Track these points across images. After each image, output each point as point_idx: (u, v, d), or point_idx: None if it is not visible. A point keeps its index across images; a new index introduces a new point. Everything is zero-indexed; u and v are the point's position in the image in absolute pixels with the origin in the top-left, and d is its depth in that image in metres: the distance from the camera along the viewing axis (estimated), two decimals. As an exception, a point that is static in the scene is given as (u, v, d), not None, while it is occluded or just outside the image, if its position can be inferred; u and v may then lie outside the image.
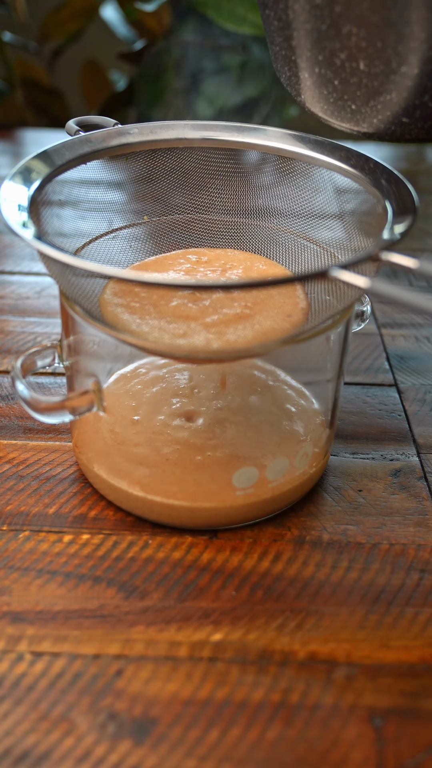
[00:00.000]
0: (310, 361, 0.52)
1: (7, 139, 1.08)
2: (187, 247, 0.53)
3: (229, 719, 0.37)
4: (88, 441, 0.49)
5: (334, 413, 0.50)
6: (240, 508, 0.46)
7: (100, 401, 0.45)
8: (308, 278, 0.36)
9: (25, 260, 0.76)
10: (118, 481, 0.46)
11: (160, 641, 0.40)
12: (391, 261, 0.37)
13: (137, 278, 0.36)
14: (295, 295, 0.45)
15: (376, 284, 0.34)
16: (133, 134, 0.50)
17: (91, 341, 0.46)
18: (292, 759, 0.36)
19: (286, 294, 0.45)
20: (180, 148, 0.51)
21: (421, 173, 0.99)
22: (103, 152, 0.49)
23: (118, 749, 0.36)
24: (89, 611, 0.42)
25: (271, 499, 0.46)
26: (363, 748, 0.36)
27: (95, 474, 0.48)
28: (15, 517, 0.47)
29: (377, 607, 0.43)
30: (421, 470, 0.52)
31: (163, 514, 0.46)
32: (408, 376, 0.61)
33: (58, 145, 0.47)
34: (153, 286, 0.36)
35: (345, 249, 0.49)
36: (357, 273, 0.36)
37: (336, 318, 0.43)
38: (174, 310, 0.43)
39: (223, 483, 0.45)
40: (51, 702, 0.38)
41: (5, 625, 0.41)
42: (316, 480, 0.50)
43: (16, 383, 0.44)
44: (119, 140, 0.50)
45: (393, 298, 0.34)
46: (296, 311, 0.44)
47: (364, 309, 0.51)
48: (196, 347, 0.40)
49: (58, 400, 0.43)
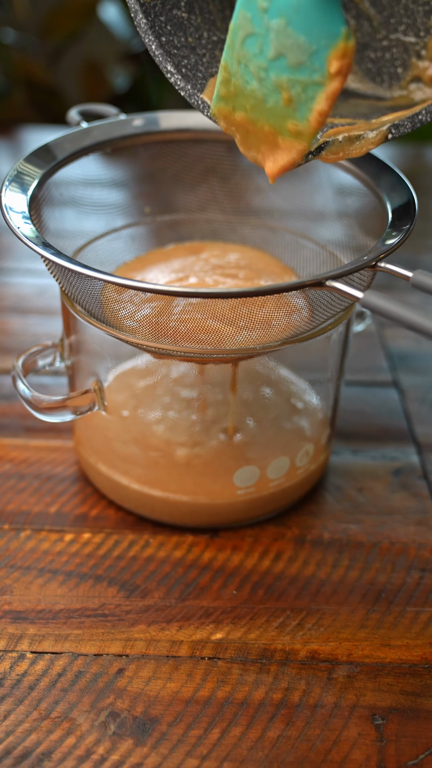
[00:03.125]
0: (311, 360, 0.52)
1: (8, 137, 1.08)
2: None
3: (231, 718, 0.37)
4: (90, 439, 0.49)
5: (334, 412, 0.50)
6: (241, 505, 0.46)
7: (101, 400, 0.45)
8: (304, 286, 0.36)
9: (27, 260, 0.76)
10: (119, 478, 0.46)
11: (161, 640, 0.40)
12: (387, 270, 0.37)
13: (135, 285, 0.36)
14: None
15: (369, 297, 0.34)
16: (135, 126, 0.50)
17: (92, 340, 0.46)
18: (293, 758, 0.36)
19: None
20: (183, 140, 0.51)
21: (421, 173, 0.99)
22: (105, 144, 0.49)
23: (120, 748, 0.36)
24: (90, 610, 0.42)
25: (272, 498, 0.46)
26: (364, 747, 0.36)
27: (97, 472, 0.48)
28: (16, 516, 0.47)
29: (378, 606, 0.43)
30: (421, 469, 0.52)
31: (165, 512, 0.46)
32: (408, 375, 0.61)
33: (59, 138, 0.47)
34: (151, 292, 0.36)
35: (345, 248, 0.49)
36: (351, 284, 0.36)
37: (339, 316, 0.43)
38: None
39: (225, 482, 0.45)
40: (52, 701, 0.38)
41: (6, 624, 0.41)
42: (316, 479, 0.50)
43: (17, 382, 0.44)
44: (122, 131, 0.49)
45: (386, 313, 0.34)
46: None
47: (365, 309, 0.51)
48: (197, 347, 0.40)
49: (59, 399, 0.43)
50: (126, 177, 0.52)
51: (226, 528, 0.47)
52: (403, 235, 0.39)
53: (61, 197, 0.48)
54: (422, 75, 0.42)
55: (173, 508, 0.46)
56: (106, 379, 0.50)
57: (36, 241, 0.38)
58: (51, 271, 0.41)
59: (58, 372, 0.59)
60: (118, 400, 0.49)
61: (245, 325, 0.40)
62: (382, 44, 0.43)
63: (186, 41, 0.41)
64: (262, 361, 0.54)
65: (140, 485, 0.46)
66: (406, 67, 0.42)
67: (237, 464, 0.45)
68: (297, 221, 0.52)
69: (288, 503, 0.48)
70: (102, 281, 0.37)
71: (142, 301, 0.42)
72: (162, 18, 0.41)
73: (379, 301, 0.34)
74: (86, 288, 0.39)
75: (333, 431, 0.50)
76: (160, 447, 0.47)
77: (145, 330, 0.40)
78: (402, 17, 0.42)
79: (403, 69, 0.43)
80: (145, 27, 0.40)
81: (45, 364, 0.47)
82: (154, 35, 0.40)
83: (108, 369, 0.50)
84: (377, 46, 0.43)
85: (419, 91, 0.42)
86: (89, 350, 0.46)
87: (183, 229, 0.54)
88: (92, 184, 0.50)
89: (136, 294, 0.41)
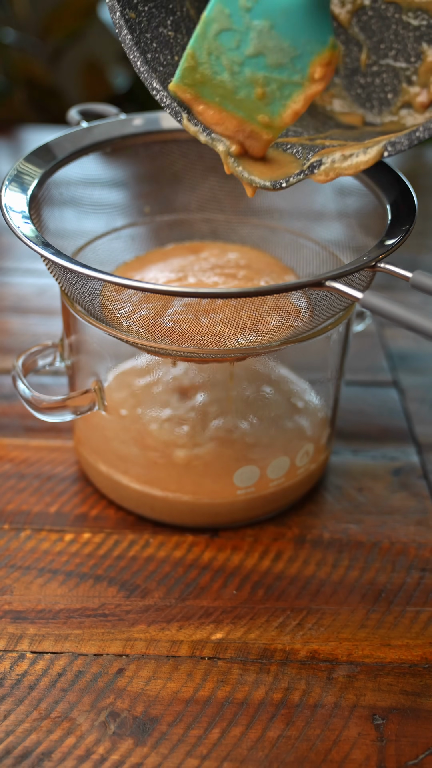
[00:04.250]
0: (311, 360, 0.52)
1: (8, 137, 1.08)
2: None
3: (231, 718, 0.37)
4: (90, 438, 0.49)
5: (334, 412, 0.50)
6: (241, 505, 0.46)
7: (101, 400, 0.45)
8: (304, 287, 0.36)
9: (27, 260, 0.76)
10: (119, 477, 0.46)
11: (162, 640, 0.40)
12: (387, 271, 0.37)
13: (134, 285, 0.36)
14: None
15: (369, 298, 0.34)
16: (135, 125, 0.50)
17: (92, 340, 0.46)
18: (293, 758, 0.36)
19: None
20: (183, 140, 0.50)
21: (421, 174, 0.99)
22: (105, 144, 0.48)
23: (120, 748, 0.36)
24: (90, 610, 0.42)
25: (272, 498, 0.46)
26: (364, 747, 0.36)
27: (96, 472, 0.48)
28: (16, 516, 0.47)
29: (378, 606, 0.43)
30: (421, 469, 0.52)
31: (164, 512, 0.46)
32: (409, 375, 0.61)
33: (59, 138, 0.47)
34: (149, 292, 0.36)
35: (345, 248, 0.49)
36: (351, 285, 0.36)
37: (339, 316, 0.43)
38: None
39: (225, 482, 0.45)
40: (52, 701, 0.38)
41: (6, 624, 0.41)
42: (316, 479, 0.50)
43: (17, 382, 0.44)
44: (122, 131, 0.49)
45: (386, 314, 0.34)
46: None
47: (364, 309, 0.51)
48: (196, 348, 0.40)
49: (59, 399, 0.43)
50: (126, 177, 0.52)
51: (226, 528, 0.47)
52: (402, 236, 0.39)
53: (61, 197, 0.48)
54: (413, 101, 0.42)
55: (173, 508, 0.46)
56: (106, 379, 0.50)
57: (36, 241, 0.38)
58: (51, 270, 0.41)
59: (58, 372, 0.59)
60: (117, 400, 0.49)
61: (245, 326, 0.40)
62: (372, 70, 0.43)
63: (172, 59, 0.41)
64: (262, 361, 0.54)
65: (140, 485, 0.46)
66: (396, 93, 0.42)
67: (237, 464, 0.45)
68: (297, 221, 0.52)
69: (288, 503, 0.48)
70: (101, 281, 0.37)
71: (141, 301, 0.42)
72: (148, 35, 0.40)
73: (379, 301, 0.34)
74: (86, 287, 0.39)
75: (333, 431, 0.50)
76: (159, 447, 0.47)
77: (144, 330, 0.40)
78: (392, 42, 0.42)
79: (393, 95, 0.42)
80: (130, 43, 0.40)
81: (45, 364, 0.47)
82: (140, 51, 0.40)
83: (108, 369, 0.50)
84: (367, 72, 0.43)
85: (410, 117, 0.42)
86: (89, 350, 0.46)
87: (183, 229, 0.54)
88: (92, 184, 0.50)
89: (135, 294, 0.41)
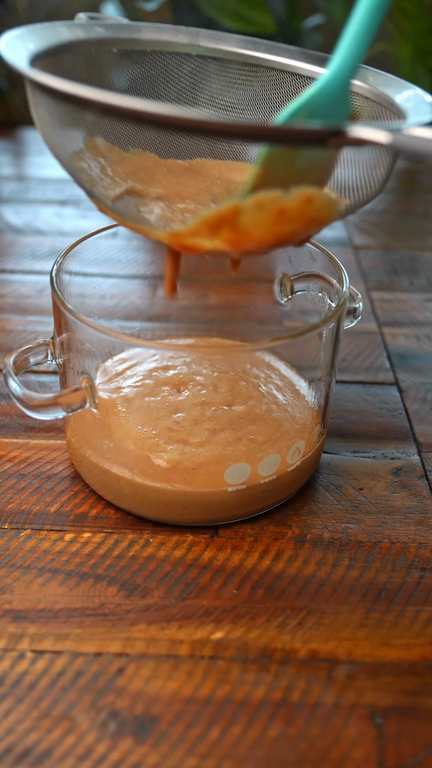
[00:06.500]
0: (302, 357, 0.52)
1: (8, 137, 1.08)
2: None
3: (230, 717, 0.37)
4: (81, 436, 0.48)
5: (326, 409, 0.50)
6: (232, 502, 0.46)
7: (92, 398, 0.45)
8: (318, 137, 0.31)
9: (26, 259, 0.76)
10: (111, 475, 0.46)
11: (162, 639, 0.41)
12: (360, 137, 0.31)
13: (125, 105, 0.32)
14: None
15: (398, 137, 0.29)
16: (142, 32, 0.48)
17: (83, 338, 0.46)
18: (293, 757, 0.36)
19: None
20: (192, 54, 0.48)
21: (421, 173, 0.99)
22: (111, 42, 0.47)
23: (120, 747, 0.36)
24: (90, 609, 0.42)
25: (264, 495, 0.46)
26: (364, 746, 0.36)
27: (88, 469, 0.48)
28: (16, 515, 0.47)
29: (378, 606, 0.43)
30: (421, 469, 0.52)
31: (154, 509, 0.46)
32: (409, 374, 0.61)
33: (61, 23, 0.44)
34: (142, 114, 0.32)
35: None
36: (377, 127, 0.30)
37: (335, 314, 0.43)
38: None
39: (216, 480, 0.45)
40: (52, 700, 0.38)
41: (6, 623, 0.41)
42: (308, 476, 0.50)
43: (8, 380, 0.44)
44: (124, 34, 0.47)
45: (418, 152, 0.30)
46: None
47: (356, 306, 0.51)
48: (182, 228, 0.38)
49: (50, 396, 0.43)
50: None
51: (226, 526, 0.47)
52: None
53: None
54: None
55: (164, 505, 0.46)
56: (97, 377, 0.50)
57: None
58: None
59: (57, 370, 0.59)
60: (108, 397, 0.49)
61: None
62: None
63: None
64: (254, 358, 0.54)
65: (132, 482, 0.46)
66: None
67: (227, 461, 0.45)
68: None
69: (280, 500, 0.48)
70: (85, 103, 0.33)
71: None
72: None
73: (410, 139, 0.29)
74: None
75: (325, 428, 0.50)
76: (150, 444, 0.47)
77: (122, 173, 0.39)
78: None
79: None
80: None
81: (36, 362, 0.47)
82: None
83: (98, 366, 0.50)
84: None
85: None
86: (80, 348, 0.46)
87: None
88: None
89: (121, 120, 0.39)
